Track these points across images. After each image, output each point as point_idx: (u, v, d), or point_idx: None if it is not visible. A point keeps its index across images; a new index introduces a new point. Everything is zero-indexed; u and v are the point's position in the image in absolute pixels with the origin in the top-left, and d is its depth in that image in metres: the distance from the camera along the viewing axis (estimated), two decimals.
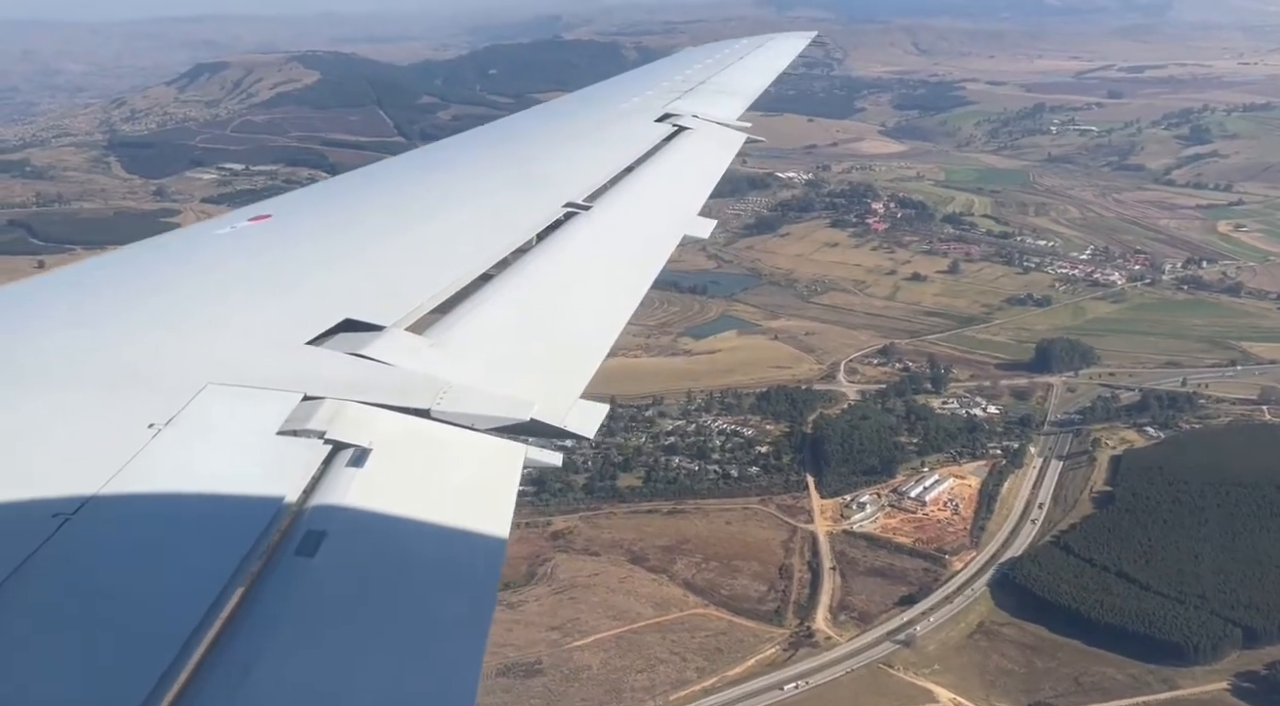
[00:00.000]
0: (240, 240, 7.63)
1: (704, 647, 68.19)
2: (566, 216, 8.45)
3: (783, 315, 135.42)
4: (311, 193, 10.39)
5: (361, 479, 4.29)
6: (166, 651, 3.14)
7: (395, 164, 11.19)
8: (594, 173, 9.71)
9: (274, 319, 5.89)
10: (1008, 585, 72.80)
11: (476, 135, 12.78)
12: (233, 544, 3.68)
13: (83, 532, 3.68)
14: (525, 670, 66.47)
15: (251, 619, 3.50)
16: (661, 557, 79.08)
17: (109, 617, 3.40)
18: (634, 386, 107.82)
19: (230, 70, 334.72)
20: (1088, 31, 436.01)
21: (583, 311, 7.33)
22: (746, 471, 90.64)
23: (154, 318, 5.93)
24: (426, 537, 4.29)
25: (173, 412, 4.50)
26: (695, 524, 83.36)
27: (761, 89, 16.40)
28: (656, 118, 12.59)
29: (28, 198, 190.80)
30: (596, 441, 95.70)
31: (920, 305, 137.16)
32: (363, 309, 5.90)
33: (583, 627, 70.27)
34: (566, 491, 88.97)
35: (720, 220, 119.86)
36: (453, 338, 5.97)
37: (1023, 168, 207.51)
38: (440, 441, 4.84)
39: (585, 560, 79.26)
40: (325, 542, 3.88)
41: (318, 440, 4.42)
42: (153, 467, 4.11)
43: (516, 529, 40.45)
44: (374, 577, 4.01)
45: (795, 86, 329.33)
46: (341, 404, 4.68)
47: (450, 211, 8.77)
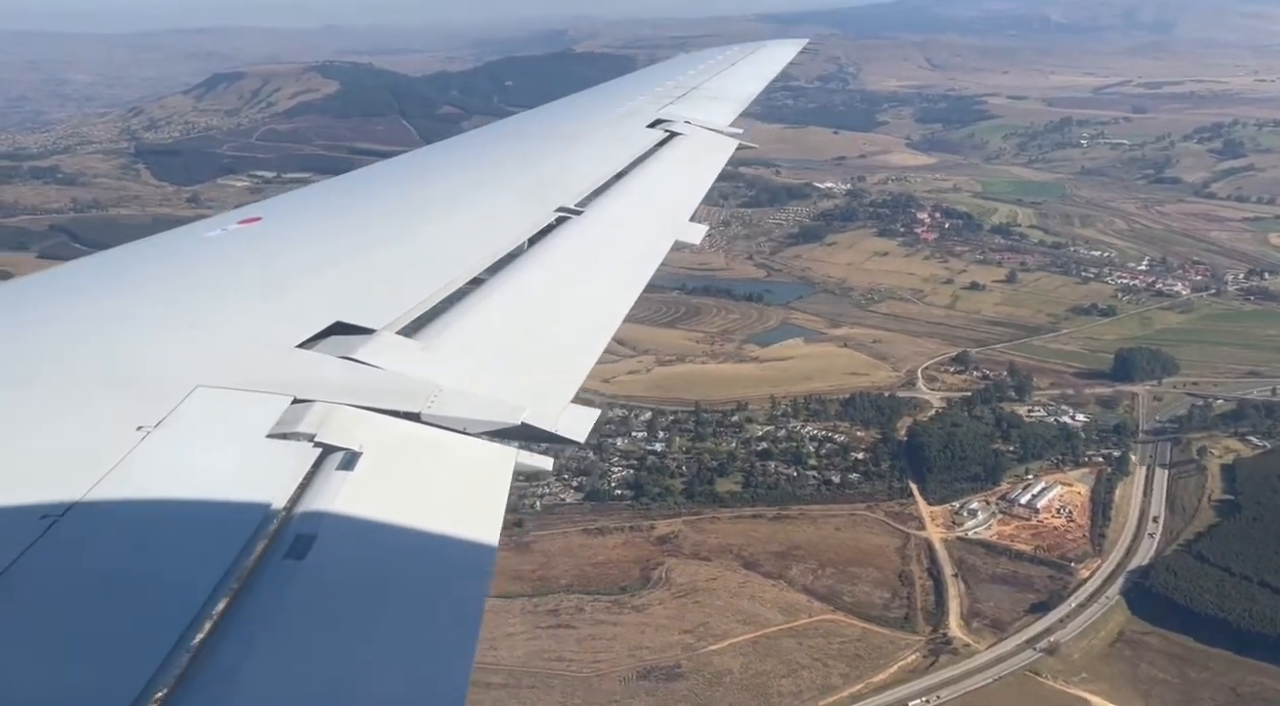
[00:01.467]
0: (231, 242, 7.62)
1: (843, 653, 66.98)
2: (558, 221, 8.48)
3: (844, 323, 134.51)
4: (302, 196, 10.17)
5: (352, 482, 4.27)
6: (155, 654, 3.12)
7: (386, 168, 11.18)
8: (587, 177, 9.78)
9: (264, 321, 5.90)
10: (1143, 593, 71.66)
11: (468, 139, 12.91)
12: (222, 547, 3.66)
13: (71, 535, 3.65)
14: (665, 674, 65.48)
15: (241, 622, 3.47)
16: (775, 563, 77.86)
17: (97, 620, 3.36)
18: (714, 392, 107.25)
19: (247, 80, 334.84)
20: (1098, 48, 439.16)
21: (574, 316, 7.30)
22: (847, 478, 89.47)
23: (143, 319, 5.93)
24: (417, 542, 4.27)
25: (162, 415, 4.49)
26: (803, 530, 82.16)
27: (754, 95, 16.55)
28: (648, 123, 12.61)
29: (64, 204, 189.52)
30: (686, 446, 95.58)
31: (981, 314, 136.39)
32: (353, 312, 5.93)
33: (715, 632, 69.04)
34: (665, 495, 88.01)
35: (762, 229, 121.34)
36: (444, 341, 5.96)
37: (1057, 180, 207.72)
38: (431, 445, 4.86)
39: (698, 565, 78.00)
40: (315, 546, 3.84)
41: (308, 443, 4.41)
42: (141, 470, 4.09)
43: (621, 532, 53.05)
44: (364, 581, 3.98)
45: (815, 99, 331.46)
46: (332, 407, 4.68)
47: (441, 215, 8.77)
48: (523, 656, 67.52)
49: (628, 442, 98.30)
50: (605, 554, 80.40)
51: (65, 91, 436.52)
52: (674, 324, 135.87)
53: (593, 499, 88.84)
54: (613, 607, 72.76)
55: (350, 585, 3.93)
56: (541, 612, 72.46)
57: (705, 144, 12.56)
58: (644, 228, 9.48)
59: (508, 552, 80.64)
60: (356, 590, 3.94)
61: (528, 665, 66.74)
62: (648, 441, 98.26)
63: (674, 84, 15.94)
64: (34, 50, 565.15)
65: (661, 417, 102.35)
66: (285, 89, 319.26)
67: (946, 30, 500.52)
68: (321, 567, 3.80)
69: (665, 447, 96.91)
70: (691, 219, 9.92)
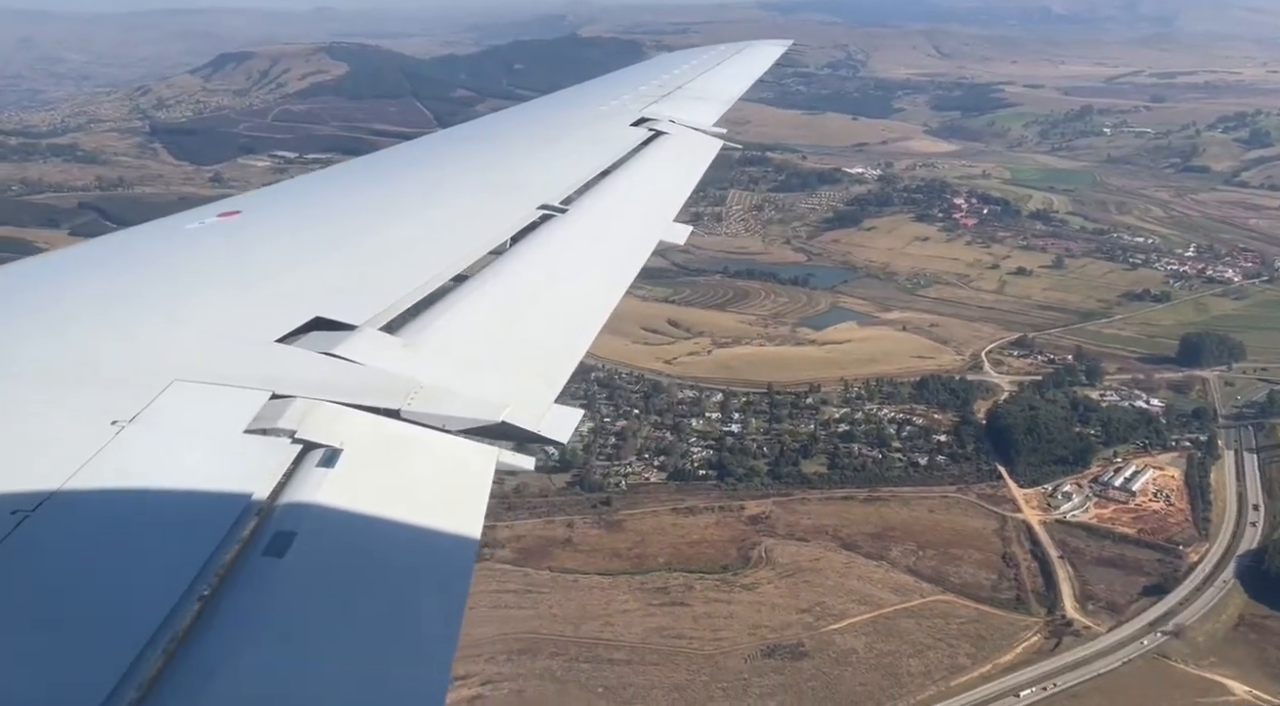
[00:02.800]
0: (209, 236, 7.50)
1: (964, 634, 66.35)
2: (542, 219, 8.40)
3: (894, 308, 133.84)
4: (282, 190, 10.04)
5: (332, 479, 4.20)
6: (127, 651, 3.10)
7: (367, 163, 11.11)
8: (570, 175, 9.69)
9: (243, 316, 5.79)
10: (1257, 577, 71.19)
11: (451, 135, 12.75)
12: (198, 543, 3.62)
13: (42, 530, 3.61)
14: (790, 652, 64.94)
15: (220, 619, 3.43)
16: (873, 544, 77.18)
17: (68, 617, 3.32)
18: (779, 374, 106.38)
19: (256, 60, 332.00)
20: (1102, 39, 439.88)
21: (558, 315, 7.21)
22: (934, 460, 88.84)
23: (119, 312, 5.80)
24: (398, 539, 4.23)
25: (138, 409, 4.40)
26: (897, 511, 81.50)
27: (738, 96, 16.45)
28: (632, 122, 12.52)
29: (89, 182, 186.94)
30: (763, 428, 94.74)
31: (1031, 299, 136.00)
32: (333, 308, 5.82)
33: (831, 611, 68.40)
34: (751, 476, 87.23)
35: (795, 214, 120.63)
36: (426, 339, 5.87)
37: (1084, 168, 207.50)
38: (412, 443, 4.79)
39: (796, 545, 77.24)
40: (295, 543, 3.79)
41: (287, 439, 4.34)
42: (116, 464, 4.02)
43: (711, 512, 54.36)
44: (344, 579, 3.95)
45: (827, 86, 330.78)
46: (312, 403, 4.60)
47: (424, 211, 8.67)
48: (640, 633, 66.80)
49: (703, 423, 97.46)
50: (698, 533, 79.59)
51: (61, 70, 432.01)
52: (724, 307, 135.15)
53: (677, 478, 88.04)
54: (721, 586, 71.94)
55: (331, 583, 3.87)
56: (650, 590, 71.64)
57: (690, 144, 12.39)
58: (629, 227, 9.34)
59: (601, 530, 80.00)
60: (337, 588, 3.87)
61: (647, 641, 66.05)
62: (723, 422, 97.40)
63: (659, 83, 15.89)
64: (26, 28, 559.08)
65: (734, 399, 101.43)
66: (294, 70, 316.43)
67: (947, 20, 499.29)
68: (302, 565, 3.73)
69: (742, 429, 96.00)
70: (676, 218, 9.83)
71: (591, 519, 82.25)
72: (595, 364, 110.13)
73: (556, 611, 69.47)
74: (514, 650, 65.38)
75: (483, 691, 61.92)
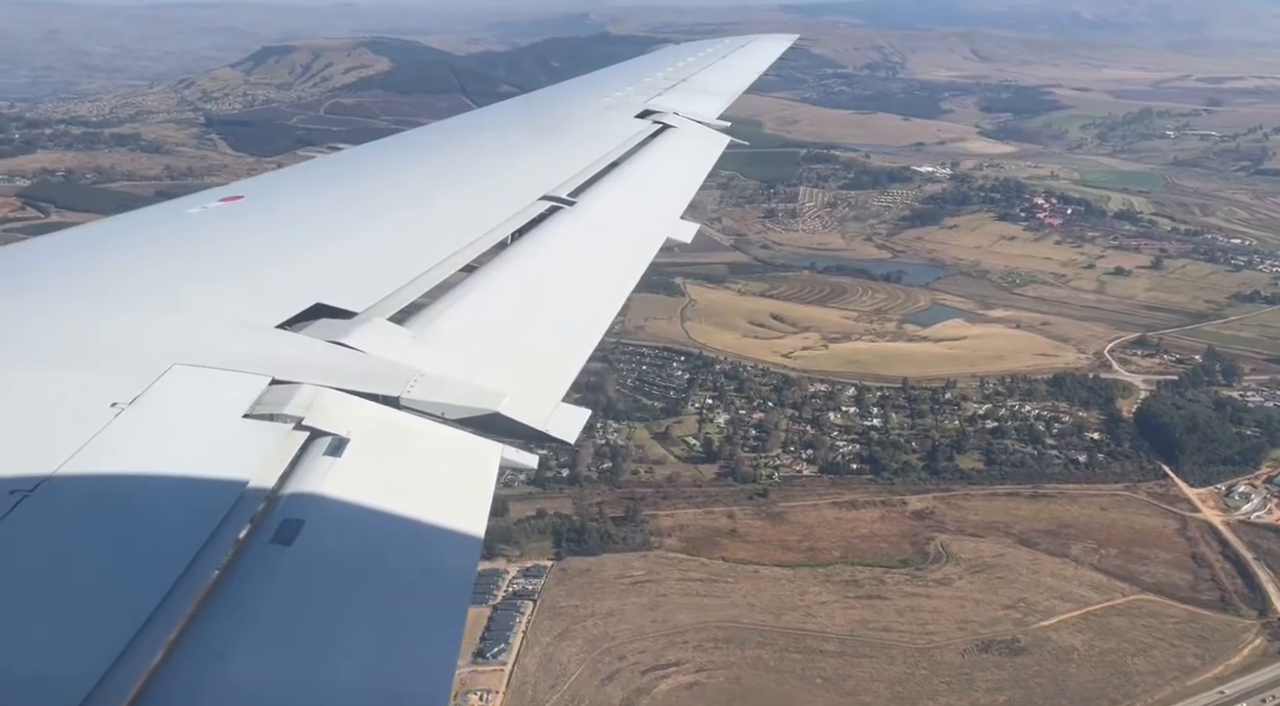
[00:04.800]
0: (211, 220, 7.42)
1: (1183, 634, 64.52)
2: (551, 210, 8.27)
3: (996, 306, 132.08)
4: (284, 176, 9.98)
5: (339, 469, 4.17)
6: (124, 633, 3.12)
7: (371, 150, 10.81)
8: (575, 167, 9.55)
9: (243, 300, 5.71)
10: None
11: (458, 124, 12.59)
12: (195, 525, 3.64)
13: (41, 510, 3.63)
14: (1006, 648, 63.09)
15: (227, 604, 3.45)
16: (1051, 542, 75.38)
17: (65, 597, 3.35)
18: (908, 369, 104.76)
19: (297, 54, 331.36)
20: (1138, 44, 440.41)
21: (565, 312, 7.11)
22: (1094, 457, 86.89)
23: (119, 295, 5.76)
24: (403, 532, 4.20)
25: (137, 392, 4.41)
26: (1067, 509, 79.68)
27: (742, 89, 16.32)
28: (637, 113, 12.42)
29: (159, 171, 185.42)
30: (905, 423, 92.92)
31: (1134, 299, 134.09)
32: (333, 294, 5.77)
33: (1037, 608, 66.68)
34: (906, 471, 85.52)
35: (870, 211, 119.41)
36: (431, 330, 5.79)
37: (1151, 171, 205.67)
38: (417, 435, 4.76)
39: (972, 541, 75.53)
40: (303, 531, 3.81)
41: (291, 425, 4.32)
42: (115, 447, 4.03)
43: (873, 506, 52.48)
44: (351, 569, 3.91)
45: (869, 87, 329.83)
46: (318, 390, 4.59)
47: (428, 200, 8.55)
48: (844, 625, 65.27)
49: (840, 417, 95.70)
50: (865, 527, 77.90)
51: (90, 63, 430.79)
52: (824, 302, 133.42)
53: (829, 472, 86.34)
54: (913, 580, 70.15)
55: (338, 573, 3.84)
56: (839, 583, 70.02)
57: (697, 140, 12.28)
58: (636, 224, 9.21)
59: (763, 521, 78.46)
60: (344, 578, 3.84)
61: (854, 633, 64.40)
62: (862, 416, 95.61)
63: (663, 75, 15.86)
64: (50, 20, 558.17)
65: (867, 393, 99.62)
66: (337, 64, 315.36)
67: (973, 24, 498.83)
68: (310, 553, 3.73)
69: (884, 423, 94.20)
70: (683, 215, 9.73)
71: (750, 510, 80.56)
72: (716, 356, 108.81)
73: (752, 601, 67.81)
74: (718, 638, 63.93)
75: (698, 678, 60.52)
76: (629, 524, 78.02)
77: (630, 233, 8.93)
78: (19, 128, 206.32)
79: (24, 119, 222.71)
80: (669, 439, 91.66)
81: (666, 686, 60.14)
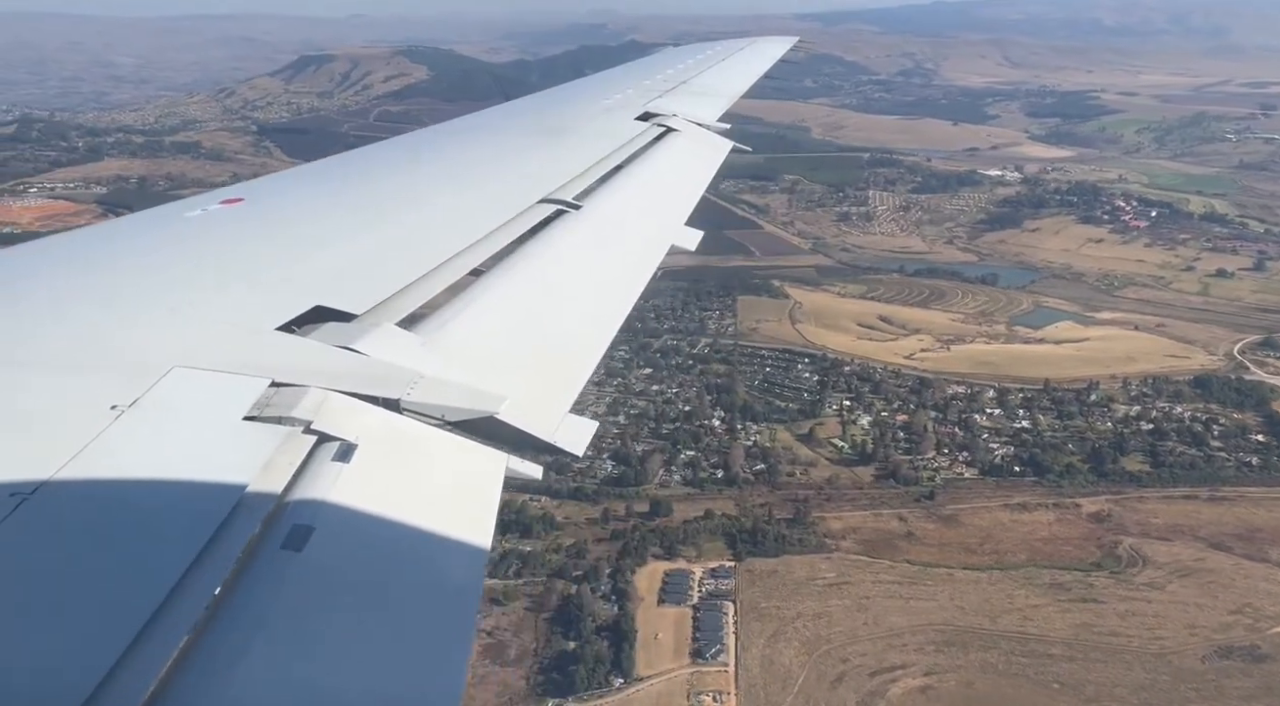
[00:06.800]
0: (211, 223, 7.33)
1: None
2: (556, 214, 8.14)
3: (1102, 308, 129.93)
4: (284, 178, 9.75)
5: (348, 475, 4.13)
6: (123, 637, 3.10)
7: (374, 152, 10.71)
8: (579, 170, 9.42)
9: (243, 303, 5.69)
10: None
11: (458, 126, 12.45)
12: (195, 528, 3.60)
13: (40, 513, 3.61)
14: (1247, 654, 60.75)
15: (238, 610, 3.43)
16: (1245, 546, 73.03)
17: (64, 601, 3.31)
18: (1039, 371, 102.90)
19: (337, 63, 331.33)
20: (1167, 51, 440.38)
21: (572, 320, 6.98)
22: (1269, 460, 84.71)
23: (120, 298, 5.72)
24: (412, 539, 4.18)
25: (137, 395, 4.39)
26: (1252, 512, 77.37)
27: (742, 92, 16.16)
28: (637, 116, 12.33)
29: (227, 178, 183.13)
30: (1055, 425, 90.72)
31: (1243, 301, 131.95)
32: (334, 297, 5.74)
33: (1265, 613, 64.30)
34: (1072, 473, 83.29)
35: (944, 215, 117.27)
36: (438, 335, 5.71)
37: (1219, 174, 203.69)
38: (423, 442, 4.74)
39: (1163, 544, 73.18)
40: (313, 537, 3.77)
41: (299, 429, 4.26)
42: (115, 449, 4.01)
43: (1045, 509, 50.78)
44: (361, 576, 3.89)
45: (908, 93, 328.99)
46: (327, 393, 4.56)
47: (430, 203, 8.41)
48: (1066, 629, 63.12)
49: (987, 420, 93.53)
50: (1044, 530, 75.72)
51: (116, 73, 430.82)
52: (925, 305, 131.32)
53: (991, 475, 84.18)
54: (1120, 584, 67.88)
55: (348, 579, 3.80)
56: (1042, 586, 67.78)
57: (699, 145, 12.14)
58: (641, 229, 9.09)
59: (937, 524, 76.41)
60: (354, 585, 3.81)
61: (1079, 638, 62.11)
62: (1008, 418, 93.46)
63: (662, 78, 15.70)
64: (73, 32, 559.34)
65: (1009, 396, 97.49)
66: (376, 73, 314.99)
67: (993, 31, 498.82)
68: (320, 560, 3.68)
69: (1033, 426, 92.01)
70: (686, 222, 9.62)
71: (920, 513, 78.38)
72: (840, 358, 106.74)
73: (959, 603, 65.65)
74: (937, 641, 61.85)
75: (930, 682, 58.32)
76: (799, 526, 75.95)
77: (635, 238, 8.83)
78: (80, 136, 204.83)
79: (84, 127, 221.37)
80: (814, 440, 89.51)
81: (899, 690, 57.95)
